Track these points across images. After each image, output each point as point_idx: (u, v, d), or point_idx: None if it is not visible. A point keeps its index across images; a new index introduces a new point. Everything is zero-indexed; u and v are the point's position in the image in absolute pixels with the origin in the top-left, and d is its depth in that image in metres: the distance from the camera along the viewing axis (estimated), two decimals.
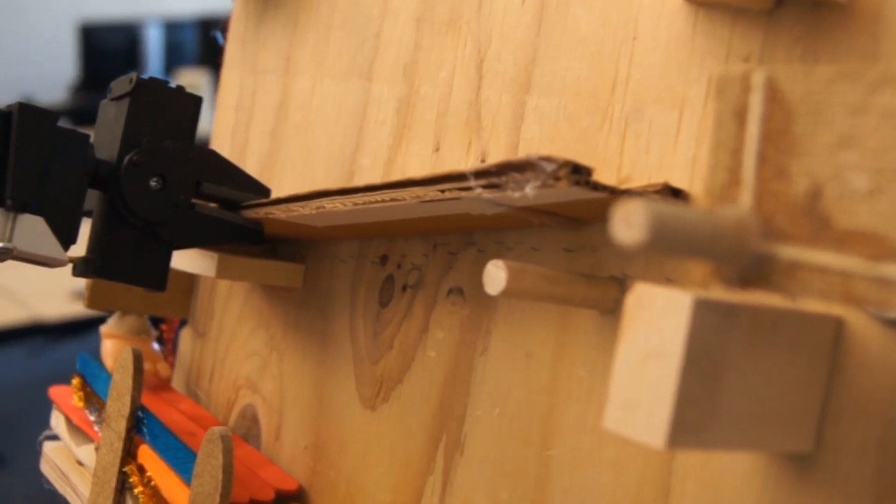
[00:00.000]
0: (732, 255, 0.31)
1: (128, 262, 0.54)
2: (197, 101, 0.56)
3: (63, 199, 0.53)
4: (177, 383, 0.76)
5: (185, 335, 0.76)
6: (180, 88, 0.56)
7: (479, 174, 0.39)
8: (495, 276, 0.43)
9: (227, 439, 0.52)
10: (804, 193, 0.30)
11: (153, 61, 4.88)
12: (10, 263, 0.52)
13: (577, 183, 0.37)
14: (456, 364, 0.55)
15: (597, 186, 0.38)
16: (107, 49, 4.79)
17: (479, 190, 0.39)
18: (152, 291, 0.56)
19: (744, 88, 0.32)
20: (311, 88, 0.66)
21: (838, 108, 0.30)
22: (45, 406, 0.71)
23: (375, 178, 0.61)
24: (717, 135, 0.33)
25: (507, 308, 0.52)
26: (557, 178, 0.36)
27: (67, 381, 0.69)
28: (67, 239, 0.53)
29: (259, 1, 0.72)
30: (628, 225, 0.29)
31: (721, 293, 0.35)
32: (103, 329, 0.73)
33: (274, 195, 0.68)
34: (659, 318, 0.35)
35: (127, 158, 0.53)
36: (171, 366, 0.76)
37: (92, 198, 0.56)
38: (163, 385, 0.73)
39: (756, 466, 0.40)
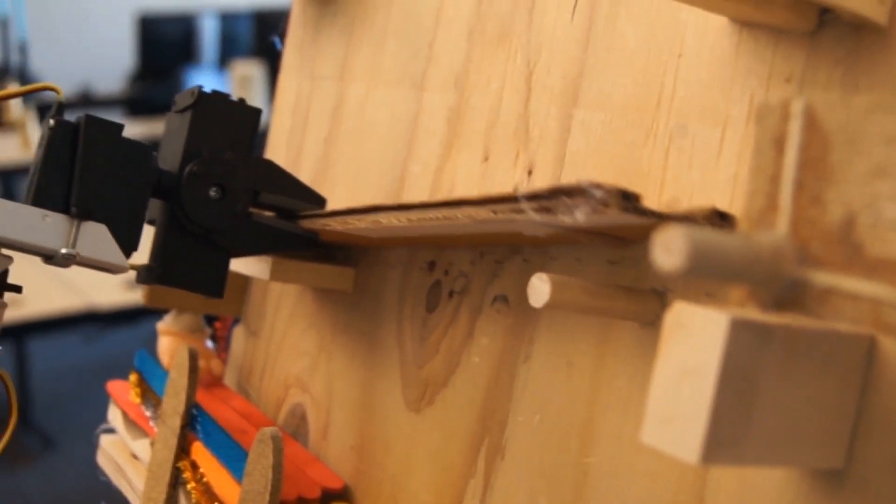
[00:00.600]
0: (769, 280, 0.32)
1: (187, 270, 0.56)
2: (256, 113, 0.58)
3: (126, 207, 0.54)
4: (229, 380, 0.78)
5: (238, 333, 0.78)
6: (241, 101, 0.58)
7: (530, 197, 0.40)
8: (539, 288, 0.44)
9: (277, 440, 0.54)
10: (839, 221, 0.31)
11: (208, 52, 4.94)
12: None
13: (626, 209, 0.38)
14: (499, 370, 0.56)
15: (645, 212, 0.39)
16: (164, 40, 4.86)
17: (530, 212, 0.40)
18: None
19: (783, 116, 0.33)
20: (365, 95, 0.68)
21: (874, 137, 0.31)
22: (97, 390, 0.73)
23: (426, 186, 0.62)
24: (757, 161, 0.34)
25: (550, 317, 0.53)
26: (607, 205, 0.37)
27: (119, 368, 0.71)
28: (129, 246, 0.54)
29: (317, 7, 0.73)
30: (668, 251, 0.30)
31: (757, 313, 0.36)
32: (160, 326, 0.75)
33: (327, 199, 0.69)
34: (696, 337, 0.36)
35: (187, 169, 0.55)
36: (224, 363, 0.78)
37: (155, 207, 0.58)
38: (215, 382, 0.75)
39: (788, 481, 0.41)
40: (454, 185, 0.60)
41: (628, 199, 0.38)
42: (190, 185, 0.55)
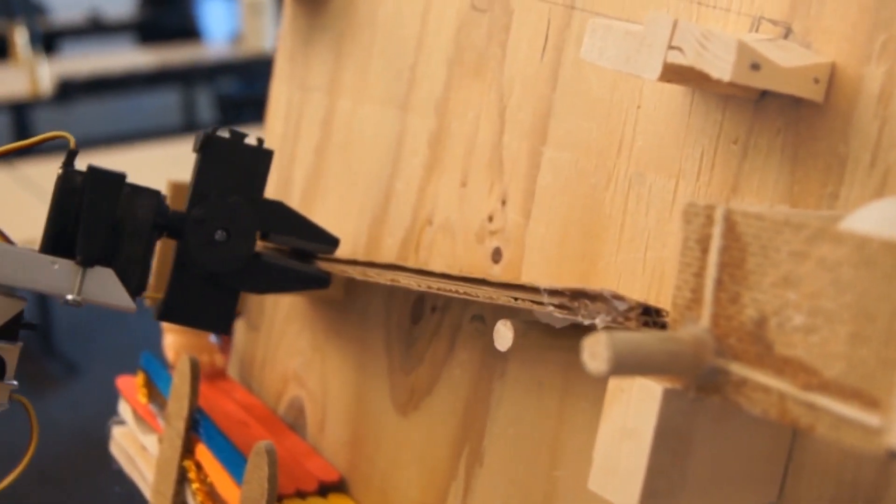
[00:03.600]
0: (690, 370, 0.36)
1: (194, 308, 0.59)
2: (267, 155, 0.60)
3: (132, 251, 0.57)
4: (232, 370, 0.83)
5: (240, 326, 0.82)
6: (257, 143, 0.60)
7: (552, 293, 0.44)
8: (504, 334, 0.49)
9: (272, 453, 0.58)
10: (753, 320, 0.35)
11: None
12: None
13: (646, 324, 0.42)
14: (478, 384, 0.60)
15: (663, 325, 0.43)
16: None
17: (551, 307, 0.44)
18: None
19: (707, 220, 0.37)
20: (353, 110, 0.71)
21: (783, 251, 0.35)
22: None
23: (409, 204, 0.66)
24: (684, 257, 0.38)
25: None
26: (628, 319, 0.42)
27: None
28: (137, 286, 0.57)
29: (306, 20, 0.76)
30: (594, 357, 0.34)
31: None
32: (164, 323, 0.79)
33: (318, 210, 0.73)
34: (635, 402, 0.41)
35: (192, 213, 0.58)
36: (227, 353, 0.83)
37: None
38: (218, 374, 0.80)
39: None
40: (436, 206, 0.64)
41: (649, 314, 0.42)
42: (194, 229, 0.58)
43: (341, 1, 0.73)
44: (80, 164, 0.56)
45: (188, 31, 4.26)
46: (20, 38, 3.09)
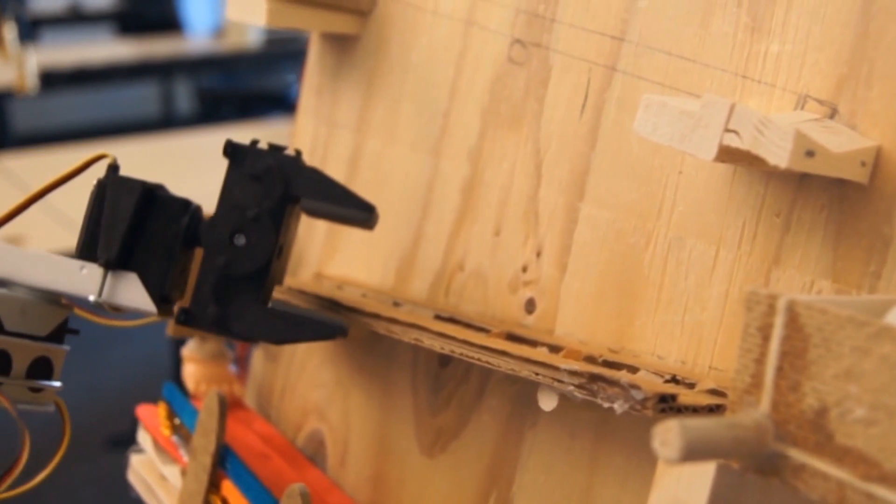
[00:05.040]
0: (752, 454, 0.38)
1: (219, 316, 0.60)
2: (293, 159, 0.61)
3: (156, 257, 0.59)
4: (249, 400, 0.84)
5: (258, 357, 0.83)
6: (282, 150, 0.61)
7: (572, 373, 0.46)
8: (550, 397, 0.50)
9: (305, 496, 0.59)
10: (813, 409, 0.37)
11: None
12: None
13: (663, 411, 0.44)
14: (508, 431, 0.62)
15: (680, 409, 0.45)
16: None
17: (571, 387, 0.46)
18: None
19: (769, 308, 0.38)
20: (381, 151, 0.72)
21: (846, 346, 0.36)
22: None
23: (440, 248, 0.67)
24: (744, 343, 0.39)
25: None
26: (644, 407, 0.43)
27: None
28: (159, 293, 0.60)
29: (335, 56, 0.77)
30: (666, 445, 0.35)
31: None
32: (185, 352, 0.80)
33: (343, 248, 0.74)
34: (688, 474, 0.42)
35: (211, 219, 0.60)
36: (244, 383, 0.84)
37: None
38: (237, 403, 0.80)
39: None
40: (467, 253, 0.65)
41: (665, 401, 0.44)
42: (210, 233, 0.60)
43: (372, 41, 0.74)
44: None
45: (169, 23, 4.24)
46: (8, 32, 3.07)
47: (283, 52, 3.62)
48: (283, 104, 3.45)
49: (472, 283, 0.65)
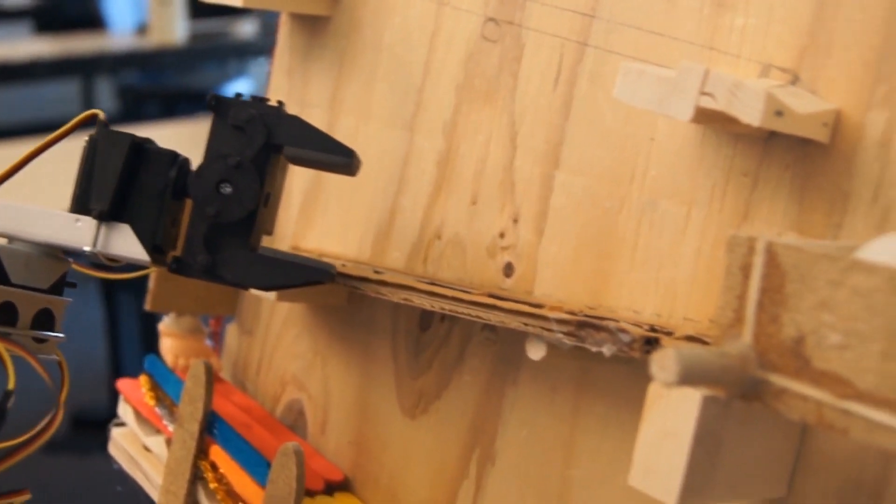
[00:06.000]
0: (737, 381, 0.42)
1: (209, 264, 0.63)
2: (275, 109, 0.63)
3: (146, 208, 0.63)
4: (225, 373, 0.86)
5: (232, 331, 0.86)
6: (265, 101, 0.63)
7: (560, 322, 0.49)
8: (538, 347, 0.54)
9: (299, 454, 0.62)
10: (791, 338, 0.41)
11: None
12: None
13: (647, 352, 0.48)
14: (489, 389, 0.65)
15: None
16: None
17: (559, 334, 0.49)
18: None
19: (749, 249, 0.43)
20: (356, 128, 0.75)
21: (820, 279, 0.40)
22: None
23: (416, 220, 0.70)
24: (727, 281, 0.43)
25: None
26: (632, 349, 0.47)
27: None
28: (151, 243, 0.63)
29: (305, 38, 0.80)
30: (663, 369, 0.39)
31: None
32: (162, 327, 0.82)
33: (319, 222, 0.77)
34: (675, 406, 0.46)
35: (197, 170, 0.62)
36: (219, 355, 0.86)
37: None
38: (215, 376, 0.83)
39: None
40: (445, 222, 0.68)
41: (650, 343, 0.48)
42: (197, 183, 0.62)
43: (344, 21, 0.77)
44: None
45: (90, 19, 4.19)
46: None
47: (210, 49, 3.59)
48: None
49: (451, 250, 0.68)
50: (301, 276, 0.65)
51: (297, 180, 0.80)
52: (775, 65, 0.52)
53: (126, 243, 0.62)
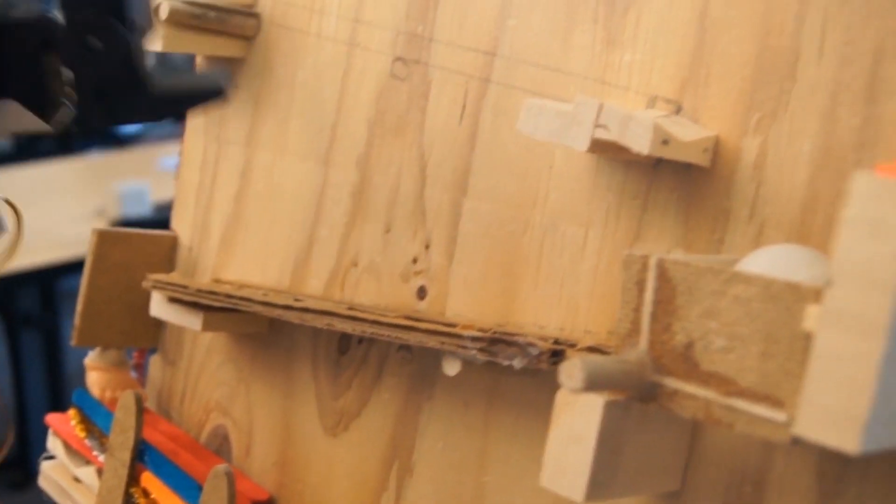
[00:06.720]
0: (636, 385, 0.46)
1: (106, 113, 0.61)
2: None
3: (26, 80, 0.60)
4: (149, 403, 0.88)
5: (155, 361, 0.88)
6: None
7: (474, 339, 0.54)
8: (453, 365, 0.58)
9: (230, 475, 0.65)
10: (682, 345, 0.46)
11: None
12: None
13: (554, 364, 0.52)
14: (406, 405, 0.69)
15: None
16: None
17: (473, 351, 0.53)
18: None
19: (643, 266, 0.47)
20: (272, 163, 0.79)
21: (706, 290, 0.45)
22: None
23: (334, 248, 0.74)
24: (623, 296, 0.48)
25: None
26: (540, 362, 0.52)
27: None
28: (43, 111, 0.61)
29: None
30: (571, 377, 0.44)
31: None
32: (87, 362, 0.84)
33: (239, 253, 0.80)
34: (580, 412, 0.51)
35: (62, 29, 0.59)
36: (143, 385, 0.88)
37: None
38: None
39: (639, 501, 0.56)
40: (360, 250, 0.72)
41: (556, 355, 0.52)
42: (65, 38, 0.59)
43: (258, 63, 0.80)
44: None
45: None
46: None
47: None
48: (104, 137, 3.39)
49: (366, 277, 0.72)
50: (195, 101, 0.65)
51: (217, 214, 0.83)
52: (661, 96, 0.57)
53: (19, 118, 0.60)
